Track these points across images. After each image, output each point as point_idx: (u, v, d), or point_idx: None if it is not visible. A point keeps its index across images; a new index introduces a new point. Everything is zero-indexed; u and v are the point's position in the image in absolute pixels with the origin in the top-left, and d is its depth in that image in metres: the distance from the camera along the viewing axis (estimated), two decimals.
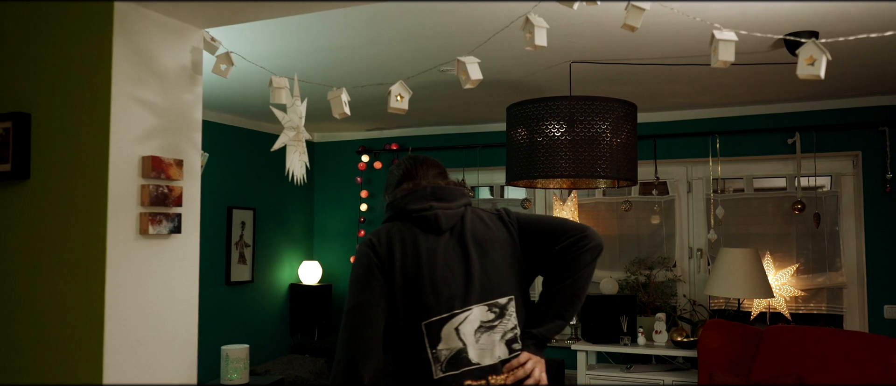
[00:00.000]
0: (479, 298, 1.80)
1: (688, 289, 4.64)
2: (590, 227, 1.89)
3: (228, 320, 4.76)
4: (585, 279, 1.87)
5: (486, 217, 1.93)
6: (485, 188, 5.37)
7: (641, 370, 4.23)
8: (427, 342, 1.77)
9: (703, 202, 4.63)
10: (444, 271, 1.81)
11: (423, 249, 1.82)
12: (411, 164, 2.00)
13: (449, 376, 1.76)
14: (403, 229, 1.86)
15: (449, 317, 1.78)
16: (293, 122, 1.60)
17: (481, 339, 1.79)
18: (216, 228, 4.69)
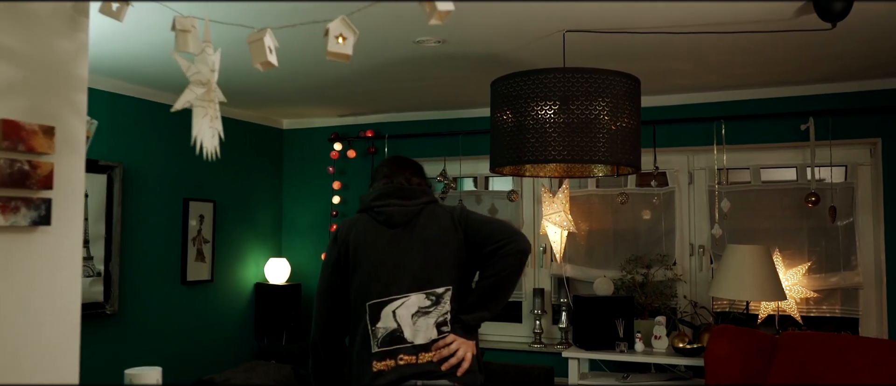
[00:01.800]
0: (417, 287, 2.14)
1: (689, 289, 4.24)
2: (521, 233, 2.23)
3: (184, 324, 4.32)
4: (508, 278, 2.20)
5: (440, 214, 2.25)
6: (468, 179, 4.96)
7: (639, 379, 3.83)
8: (368, 320, 2.13)
9: (706, 194, 4.23)
10: (388, 260, 2.17)
11: (373, 240, 2.18)
12: (390, 165, 2.37)
13: (383, 351, 2.11)
14: (364, 222, 2.23)
15: (388, 301, 2.13)
16: (202, 76, 1.18)
17: (418, 322, 2.13)
18: (170, 222, 4.24)
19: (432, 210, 2.24)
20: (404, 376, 2.08)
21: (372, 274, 2.15)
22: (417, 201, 2.24)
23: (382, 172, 2.37)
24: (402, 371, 2.09)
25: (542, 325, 4.49)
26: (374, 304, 2.13)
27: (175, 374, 4.24)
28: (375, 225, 2.21)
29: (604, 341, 3.88)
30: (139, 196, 4.02)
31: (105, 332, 3.81)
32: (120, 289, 3.87)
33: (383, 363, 2.10)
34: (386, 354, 2.11)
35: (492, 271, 2.17)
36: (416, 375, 2.09)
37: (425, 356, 2.11)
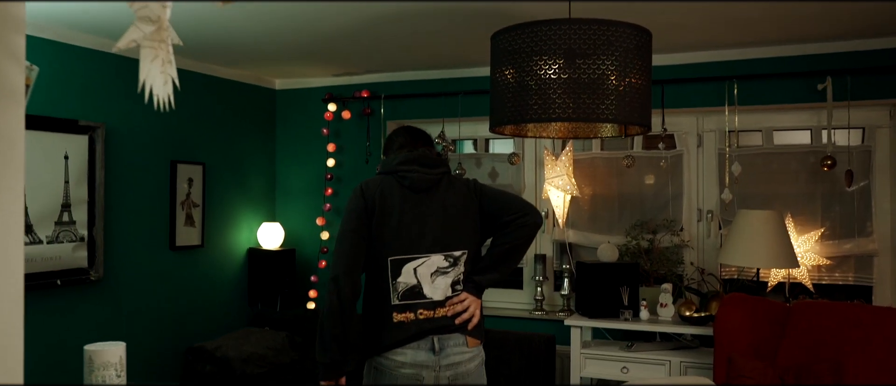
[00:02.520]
0: (438, 249, 2.33)
1: (696, 256, 4.09)
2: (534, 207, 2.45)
3: (174, 290, 4.18)
4: (521, 247, 2.43)
5: (458, 184, 2.45)
6: (467, 141, 4.78)
7: (644, 349, 3.70)
8: (390, 274, 2.30)
9: (715, 158, 4.06)
10: (411, 222, 2.33)
11: (398, 201, 2.34)
12: (406, 134, 2.56)
13: (403, 304, 2.28)
14: (390, 182, 2.39)
15: (410, 259, 2.31)
16: (151, 12, 1.01)
17: (436, 280, 2.32)
18: (157, 185, 4.07)
19: (450, 180, 2.45)
20: (423, 330, 2.27)
21: (395, 232, 2.31)
22: (438, 170, 2.42)
23: (399, 141, 2.54)
24: (422, 325, 2.27)
25: (544, 292, 4.36)
26: (395, 259, 2.30)
27: (166, 341, 4.12)
28: (401, 188, 2.37)
29: (607, 309, 3.75)
30: (123, 158, 3.85)
31: (90, 298, 3.67)
32: (105, 254, 3.72)
33: (404, 315, 2.27)
34: (406, 307, 2.28)
35: (508, 239, 2.38)
36: (434, 329, 2.27)
37: (441, 311, 2.31)
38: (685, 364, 3.52)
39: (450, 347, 2.29)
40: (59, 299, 3.51)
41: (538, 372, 3.94)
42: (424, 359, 2.26)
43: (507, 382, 3.98)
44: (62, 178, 3.50)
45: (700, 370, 3.47)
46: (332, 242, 4.78)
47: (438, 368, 2.28)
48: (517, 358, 3.98)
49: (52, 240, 3.46)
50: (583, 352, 3.71)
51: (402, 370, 2.26)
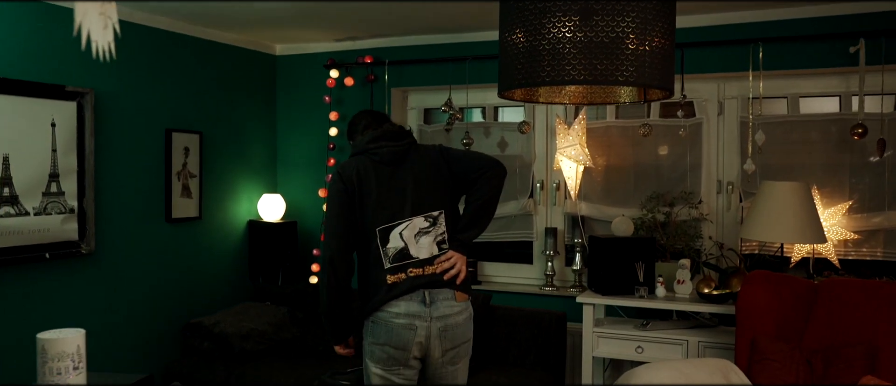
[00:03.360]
0: (417, 212, 2.51)
1: (715, 230, 3.90)
2: (497, 160, 2.62)
3: (171, 264, 4.03)
4: (493, 199, 2.60)
5: (425, 151, 2.63)
6: (476, 110, 4.57)
7: (660, 327, 3.52)
8: (379, 242, 2.48)
9: (737, 126, 3.84)
10: (389, 192, 2.52)
11: (375, 176, 2.52)
12: (368, 116, 2.79)
13: (394, 266, 2.47)
14: (363, 162, 2.55)
15: (394, 225, 2.49)
16: None
17: (420, 240, 2.50)
18: (151, 154, 3.90)
19: (416, 148, 2.63)
20: (415, 286, 2.45)
21: (378, 204, 2.49)
22: (405, 141, 2.60)
23: (363, 123, 2.76)
24: (413, 282, 2.46)
25: (555, 267, 4.18)
26: (383, 228, 2.49)
27: (162, 317, 3.98)
28: (374, 164, 2.54)
29: (622, 286, 3.57)
30: (115, 126, 3.68)
31: (81, 272, 3.53)
32: (96, 227, 3.56)
33: (396, 276, 2.46)
34: (397, 269, 2.47)
35: (480, 194, 2.57)
36: (424, 284, 2.46)
37: (429, 269, 2.49)
38: (703, 344, 3.35)
39: (440, 300, 2.47)
40: (47, 274, 3.37)
41: (548, 350, 3.79)
42: (417, 310, 2.45)
43: (515, 360, 3.82)
44: (49, 146, 3.34)
45: (720, 351, 3.29)
46: None
47: (430, 319, 2.46)
48: (526, 336, 3.82)
49: (39, 211, 3.30)
50: (595, 330, 3.54)
51: (397, 320, 2.45)
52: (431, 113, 4.64)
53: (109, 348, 3.67)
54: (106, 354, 3.65)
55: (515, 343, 3.85)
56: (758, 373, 2.72)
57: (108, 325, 3.66)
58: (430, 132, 4.53)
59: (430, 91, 4.49)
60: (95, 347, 3.58)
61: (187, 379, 3.76)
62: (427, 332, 2.45)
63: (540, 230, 4.27)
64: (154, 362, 3.91)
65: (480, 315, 3.85)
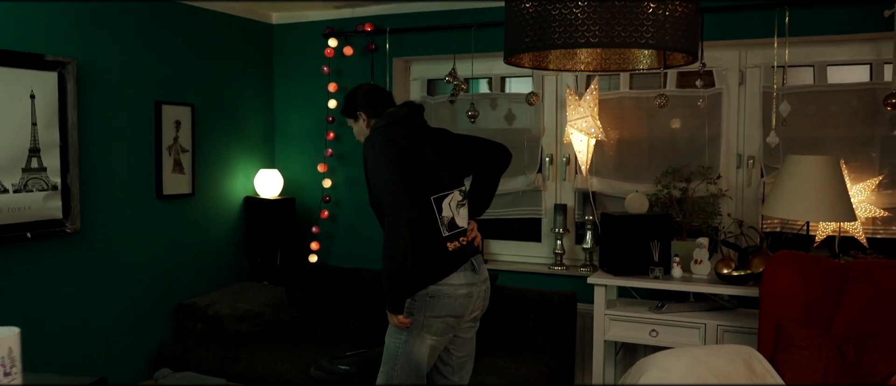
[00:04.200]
0: (455, 185, 2.62)
1: (734, 207, 3.69)
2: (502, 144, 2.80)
3: (162, 243, 3.86)
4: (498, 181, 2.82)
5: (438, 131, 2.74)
6: (482, 80, 4.35)
7: (675, 310, 3.33)
8: (436, 211, 2.52)
9: (759, 97, 3.62)
10: (433, 164, 2.57)
11: (420, 147, 2.56)
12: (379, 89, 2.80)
13: (451, 234, 2.54)
14: (403, 132, 2.57)
15: (445, 194, 2.56)
16: None
17: (460, 211, 2.61)
18: (140, 128, 3.71)
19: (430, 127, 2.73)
20: (467, 254, 2.57)
21: (428, 174, 2.52)
22: (424, 119, 2.72)
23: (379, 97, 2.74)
24: (465, 250, 2.56)
25: (564, 245, 3.99)
26: (437, 197, 2.53)
27: (153, 298, 3.81)
28: (413, 135, 2.58)
29: (635, 266, 3.37)
30: (99, 98, 3.48)
31: (66, 253, 3.36)
32: (81, 204, 3.39)
33: (453, 244, 2.53)
34: (453, 237, 2.53)
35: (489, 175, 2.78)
36: (470, 252, 2.58)
37: (467, 237, 2.60)
38: (722, 328, 3.16)
39: (480, 266, 2.62)
40: (29, 254, 3.20)
41: (557, 332, 3.61)
42: (472, 278, 2.55)
43: (522, 343, 3.65)
44: (28, 119, 3.15)
45: (740, 335, 3.10)
46: (334, 190, 4.43)
47: (479, 285, 2.58)
48: (534, 317, 3.64)
49: (19, 188, 3.12)
50: (607, 313, 3.35)
51: (459, 291, 2.50)
52: (435, 84, 4.42)
53: (97, 332, 3.51)
54: (94, 338, 3.49)
55: (522, 325, 3.67)
56: (783, 361, 2.53)
57: (95, 307, 3.50)
58: (434, 104, 4.32)
59: (434, 61, 4.27)
60: (82, 331, 3.43)
61: (179, 363, 3.61)
62: (478, 297, 2.57)
63: (549, 207, 4.07)
64: (145, 346, 3.76)
65: None
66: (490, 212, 4.20)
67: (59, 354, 3.34)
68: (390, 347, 2.54)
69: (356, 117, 2.73)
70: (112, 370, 3.56)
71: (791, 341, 2.55)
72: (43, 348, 3.25)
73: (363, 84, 2.82)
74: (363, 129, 2.73)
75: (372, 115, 2.70)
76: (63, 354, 3.35)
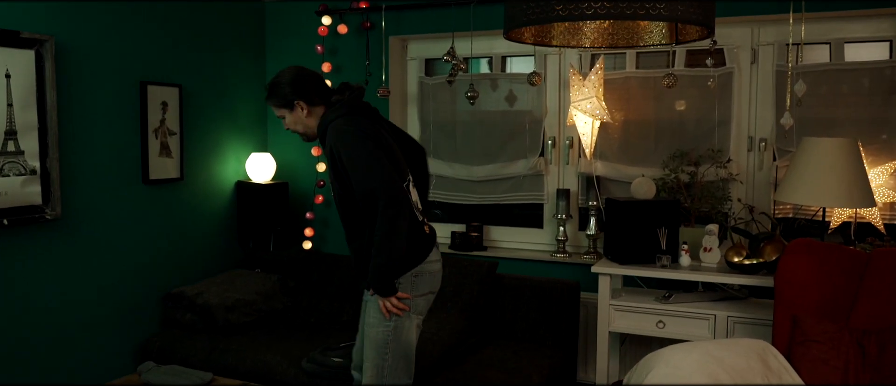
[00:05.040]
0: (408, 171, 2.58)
1: (744, 191, 3.53)
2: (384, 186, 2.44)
3: (149, 229, 3.71)
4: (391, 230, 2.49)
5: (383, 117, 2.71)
6: (482, 60, 4.18)
7: (684, 300, 3.19)
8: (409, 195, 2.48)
9: (772, 76, 3.45)
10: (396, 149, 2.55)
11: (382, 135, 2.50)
12: (310, 71, 2.63)
13: (422, 219, 2.58)
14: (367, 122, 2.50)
15: (408, 180, 2.55)
16: None
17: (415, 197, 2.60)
18: (124, 109, 3.55)
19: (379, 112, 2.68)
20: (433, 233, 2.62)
21: (396, 160, 2.47)
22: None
23: (312, 81, 2.57)
24: (432, 230, 2.62)
25: (567, 231, 3.84)
26: (406, 183, 2.49)
27: (140, 287, 3.67)
28: (375, 123, 2.52)
29: (641, 254, 3.22)
30: (80, 78, 3.32)
31: (46, 240, 3.21)
32: (62, 189, 3.24)
33: (425, 226, 2.56)
34: (423, 221, 2.56)
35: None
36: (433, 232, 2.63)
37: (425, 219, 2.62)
38: (733, 319, 3.01)
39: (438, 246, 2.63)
40: (7, 242, 3.05)
41: (560, 323, 3.47)
42: (439, 255, 2.60)
43: (523, 335, 3.51)
44: (3, 100, 2.99)
45: (752, 327, 2.96)
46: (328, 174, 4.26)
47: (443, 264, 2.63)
48: (536, 308, 3.50)
49: None
50: (612, 303, 3.20)
51: (436, 266, 2.56)
52: (433, 64, 4.25)
53: (80, 324, 3.37)
54: (76, 330, 3.35)
55: (523, 316, 3.53)
56: (800, 356, 2.39)
57: (78, 297, 3.36)
58: (432, 85, 4.16)
59: (432, 39, 4.10)
60: (65, 322, 3.29)
61: (166, 355, 3.48)
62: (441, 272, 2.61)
63: (551, 192, 3.92)
64: (131, 338, 3.62)
65: (486, 284, 3.53)
66: (489, 197, 4.06)
67: (40, 348, 3.20)
68: (379, 337, 2.45)
69: (292, 107, 2.52)
70: (96, 363, 3.43)
71: (808, 335, 2.40)
72: (22, 341, 3.12)
73: (287, 69, 2.58)
74: (302, 119, 2.54)
75: (311, 103, 2.52)
76: (43, 347, 3.22)
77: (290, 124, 2.59)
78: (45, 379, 3.22)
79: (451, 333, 3.29)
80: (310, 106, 2.52)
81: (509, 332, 3.54)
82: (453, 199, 4.17)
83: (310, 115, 2.54)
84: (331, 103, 2.53)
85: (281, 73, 2.56)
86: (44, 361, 3.21)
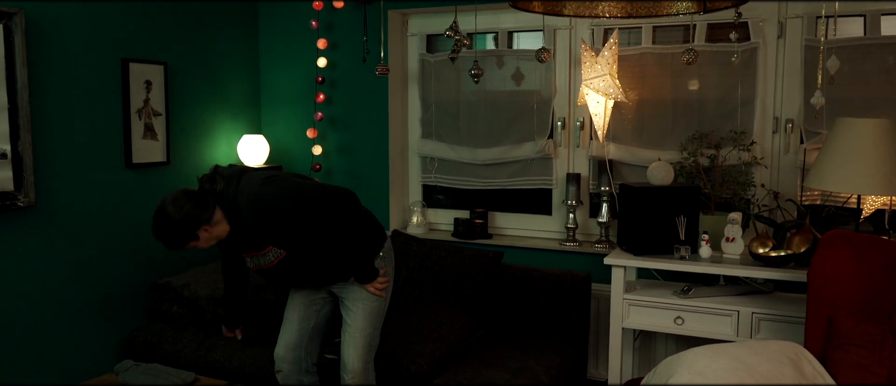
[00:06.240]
0: None
1: (769, 177, 3.29)
2: None
3: (134, 217, 3.48)
4: None
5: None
6: (488, 36, 3.92)
7: (704, 294, 2.95)
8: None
9: (800, 51, 3.19)
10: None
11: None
12: (187, 190, 2.51)
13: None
14: (258, 173, 2.62)
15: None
16: None
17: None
18: (103, 89, 3.32)
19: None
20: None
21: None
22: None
23: (197, 195, 2.45)
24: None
25: (577, 219, 3.60)
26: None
27: (124, 278, 3.47)
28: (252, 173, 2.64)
29: (658, 244, 2.99)
30: (54, 55, 3.09)
31: (19, 229, 3.00)
32: (36, 174, 3.02)
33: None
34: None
35: None
36: None
37: None
38: (758, 316, 2.78)
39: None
40: None
41: (570, 318, 3.25)
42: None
43: (531, 330, 3.29)
44: None
45: (778, 324, 2.73)
46: (325, 157, 4.04)
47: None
48: (544, 301, 3.28)
49: None
50: (626, 297, 2.97)
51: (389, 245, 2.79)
52: (435, 40, 4.00)
53: (59, 318, 3.17)
54: (55, 325, 3.15)
55: (531, 309, 3.30)
56: (838, 361, 2.16)
57: (57, 289, 3.15)
58: (434, 62, 3.91)
59: (434, 13, 3.84)
60: (41, 316, 3.09)
61: (151, 350, 3.28)
62: None
63: (560, 176, 3.68)
64: (115, 332, 3.42)
65: (490, 276, 3.31)
66: (495, 182, 3.83)
67: (15, 345, 3.00)
68: (375, 306, 2.67)
69: (212, 222, 2.41)
70: (77, 361, 3.23)
71: (846, 338, 2.17)
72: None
73: (168, 203, 2.38)
74: (221, 222, 2.44)
75: (214, 207, 2.42)
76: (19, 344, 3.01)
77: (216, 236, 2.47)
78: (21, 378, 3.02)
79: (452, 328, 3.07)
80: (219, 210, 2.43)
81: (515, 327, 3.32)
82: (456, 183, 3.94)
83: (215, 226, 2.43)
84: (221, 197, 2.43)
85: (164, 217, 2.37)
86: (19, 359, 3.01)
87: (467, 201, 4.00)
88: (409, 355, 2.84)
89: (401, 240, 3.58)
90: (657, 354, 3.40)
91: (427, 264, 3.41)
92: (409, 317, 3.18)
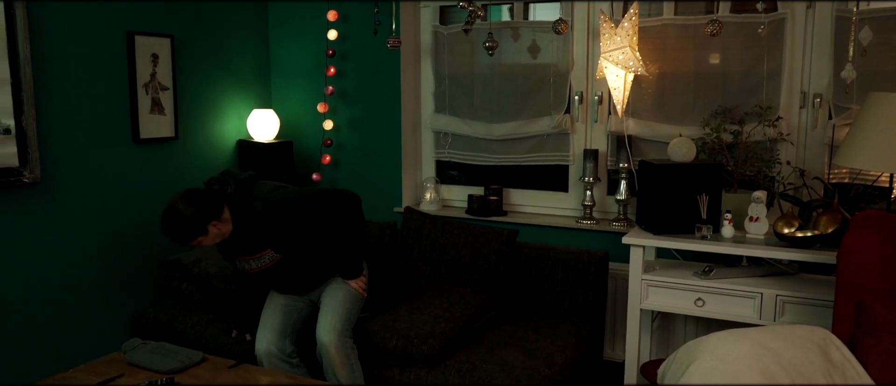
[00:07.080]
0: None
1: (795, 154, 3.16)
2: None
3: (141, 193, 3.43)
4: None
5: None
6: (503, 7, 3.80)
7: (726, 275, 2.85)
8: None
9: (830, 23, 3.05)
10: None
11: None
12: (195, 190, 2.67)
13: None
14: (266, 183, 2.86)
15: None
16: None
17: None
18: (109, 62, 3.25)
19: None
20: None
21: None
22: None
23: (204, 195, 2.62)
24: None
25: (595, 196, 3.51)
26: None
27: (134, 255, 3.43)
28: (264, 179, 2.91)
29: (678, 223, 2.89)
30: (57, 27, 3.02)
31: (25, 205, 2.95)
32: (41, 150, 2.96)
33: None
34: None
35: None
36: None
37: None
38: (782, 298, 2.68)
39: None
40: None
41: (586, 297, 3.17)
42: None
43: (546, 310, 3.22)
44: None
45: (803, 307, 2.63)
46: (336, 132, 3.96)
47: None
48: (560, 280, 3.20)
49: None
50: (645, 278, 2.88)
51: None
52: (449, 11, 3.88)
53: (67, 296, 3.13)
54: (63, 303, 3.11)
55: (547, 288, 3.23)
56: (868, 348, 2.06)
57: (65, 266, 3.11)
58: (447, 34, 3.80)
59: None
60: (47, 295, 3.05)
61: (162, 329, 3.24)
62: None
63: (578, 152, 3.58)
64: (125, 310, 3.38)
65: (505, 254, 3.23)
66: (510, 158, 3.73)
67: (22, 323, 2.97)
68: (354, 294, 2.85)
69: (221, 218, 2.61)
70: (87, 339, 3.20)
71: (878, 325, 2.07)
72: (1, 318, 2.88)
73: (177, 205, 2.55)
74: (228, 221, 2.63)
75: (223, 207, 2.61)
76: (26, 322, 2.98)
77: (221, 234, 2.63)
78: (30, 357, 2.99)
79: (466, 307, 3.00)
80: (226, 210, 2.61)
81: (530, 307, 3.25)
82: (471, 159, 3.84)
83: (223, 223, 2.61)
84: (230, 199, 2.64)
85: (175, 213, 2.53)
86: (27, 338, 2.98)
87: (481, 178, 3.91)
88: (421, 336, 2.78)
89: (414, 217, 3.50)
90: (676, 336, 3.31)
91: (440, 242, 3.34)
92: (421, 295, 3.11)
